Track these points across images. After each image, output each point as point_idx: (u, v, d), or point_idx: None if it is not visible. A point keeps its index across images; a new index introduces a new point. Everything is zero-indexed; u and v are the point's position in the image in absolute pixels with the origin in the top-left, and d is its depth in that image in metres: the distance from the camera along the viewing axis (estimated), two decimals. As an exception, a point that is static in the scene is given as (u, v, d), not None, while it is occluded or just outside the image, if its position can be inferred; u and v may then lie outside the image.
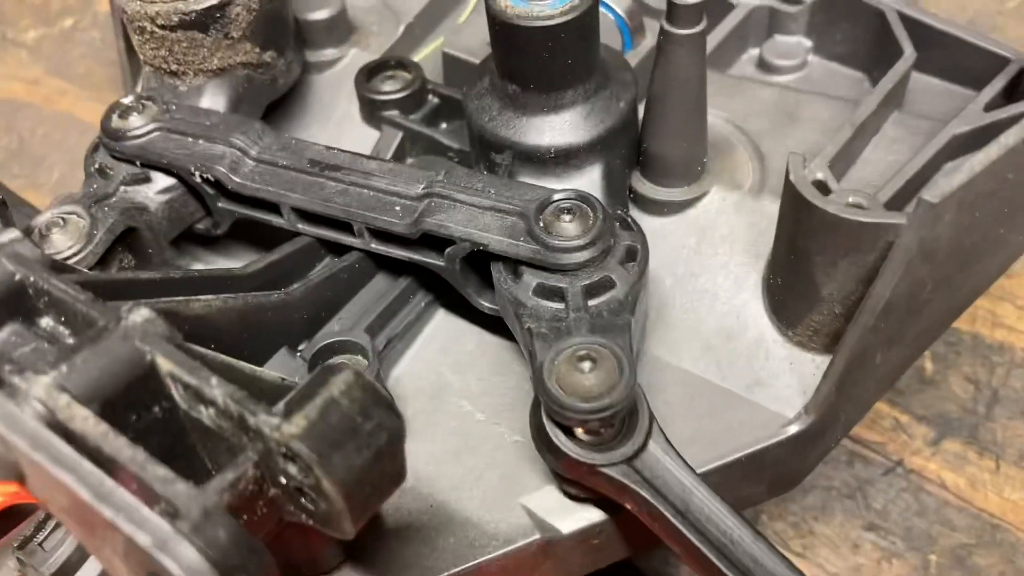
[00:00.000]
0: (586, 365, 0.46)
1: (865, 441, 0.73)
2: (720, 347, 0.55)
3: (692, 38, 0.51)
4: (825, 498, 0.70)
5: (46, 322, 0.45)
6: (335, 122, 0.69)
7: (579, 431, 0.47)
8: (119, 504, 0.35)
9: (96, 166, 0.61)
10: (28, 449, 0.36)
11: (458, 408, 0.56)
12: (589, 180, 0.56)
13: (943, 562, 0.67)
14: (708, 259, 0.57)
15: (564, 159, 0.55)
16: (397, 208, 0.54)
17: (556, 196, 0.51)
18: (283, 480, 0.39)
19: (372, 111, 0.67)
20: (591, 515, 0.51)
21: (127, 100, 0.61)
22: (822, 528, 0.69)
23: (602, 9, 0.67)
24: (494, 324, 0.58)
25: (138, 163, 0.60)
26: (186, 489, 0.35)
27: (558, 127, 0.54)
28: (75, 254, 0.56)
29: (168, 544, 0.33)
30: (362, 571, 0.52)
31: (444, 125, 0.68)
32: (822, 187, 0.50)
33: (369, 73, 0.67)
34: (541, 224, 0.51)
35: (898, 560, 0.67)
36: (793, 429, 0.52)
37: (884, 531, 0.69)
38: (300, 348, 0.56)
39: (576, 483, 0.50)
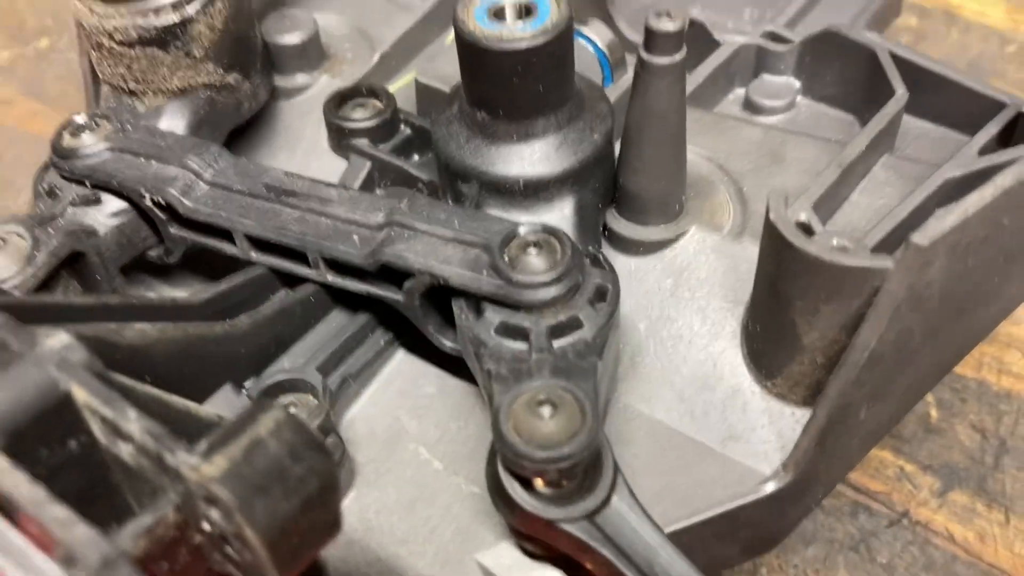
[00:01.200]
0: (546, 410, 0.43)
1: (869, 491, 0.69)
2: (695, 397, 0.52)
3: (670, 67, 0.49)
4: (828, 550, 0.67)
5: (-41, 348, 0.41)
6: (302, 150, 0.67)
7: (538, 482, 0.44)
8: (7, 547, 0.31)
9: (45, 186, 0.58)
10: (-87, 484, 0.32)
11: (415, 455, 0.53)
12: (560, 215, 0.53)
13: (953, 619, 0.63)
14: (685, 303, 0.54)
15: (534, 191, 0.52)
16: (355, 237, 0.51)
17: (522, 229, 0.48)
18: (206, 526, 0.35)
19: (341, 139, 0.64)
20: (550, 575, 0.47)
21: (80, 118, 0.58)
22: (825, 583, 0.66)
23: (582, 42, 0.65)
24: (456, 366, 0.55)
25: (88, 184, 0.57)
26: (86, 533, 0.32)
27: (528, 157, 0.51)
28: (13, 276, 0.52)
29: (57, 596, 0.30)
30: (300, 628, 0.48)
31: (416, 157, 0.65)
32: (805, 228, 0.47)
33: (339, 100, 0.65)
34: (506, 258, 0.48)
35: (906, 617, 0.64)
36: (770, 487, 0.49)
37: (890, 586, 0.65)
38: (246, 385, 0.53)
39: (534, 539, 0.46)
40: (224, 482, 0.34)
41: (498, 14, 0.49)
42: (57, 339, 0.38)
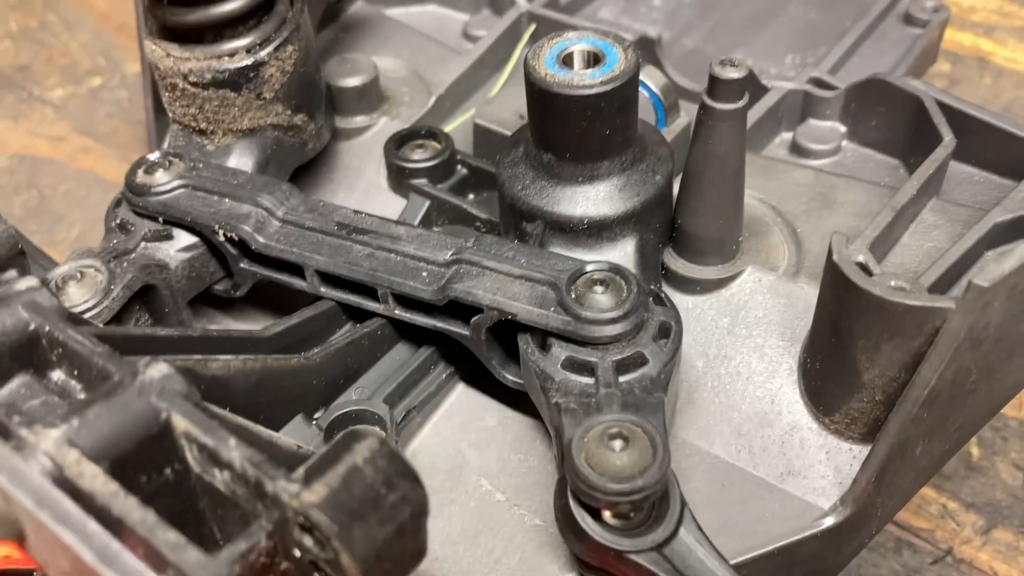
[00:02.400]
0: (617, 444, 0.44)
1: (913, 528, 0.70)
2: (753, 433, 0.53)
3: (733, 113, 0.50)
4: (873, 587, 0.68)
5: (58, 375, 0.43)
6: (362, 189, 0.69)
7: (607, 514, 0.45)
8: (125, 569, 0.32)
9: (117, 221, 0.60)
10: (32, 506, 0.34)
11: (477, 487, 0.54)
12: (622, 253, 0.54)
13: (998, 659, 0.64)
14: (742, 341, 0.55)
15: (597, 231, 0.54)
16: (424, 274, 0.53)
17: (589, 267, 0.50)
18: (297, 552, 0.37)
19: (400, 179, 0.66)
20: (613, 605, 0.48)
21: (154, 156, 0.60)
22: (869, 620, 0.67)
23: (637, 86, 0.67)
24: (516, 399, 0.56)
25: (161, 220, 0.58)
26: (197, 556, 0.33)
27: (592, 198, 0.53)
28: (90, 308, 0.54)
29: (174, 615, 0.31)
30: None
31: (472, 196, 0.67)
32: (863, 269, 0.48)
33: (400, 141, 0.67)
34: (573, 295, 0.49)
35: (950, 657, 0.65)
36: (828, 522, 0.50)
37: (936, 625, 0.66)
38: (316, 416, 0.54)
39: (600, 570, 0.47)
40: (323, 508, 0.35)
41: (567, 61, 0.51)
42: (157, 369, 0.40)
